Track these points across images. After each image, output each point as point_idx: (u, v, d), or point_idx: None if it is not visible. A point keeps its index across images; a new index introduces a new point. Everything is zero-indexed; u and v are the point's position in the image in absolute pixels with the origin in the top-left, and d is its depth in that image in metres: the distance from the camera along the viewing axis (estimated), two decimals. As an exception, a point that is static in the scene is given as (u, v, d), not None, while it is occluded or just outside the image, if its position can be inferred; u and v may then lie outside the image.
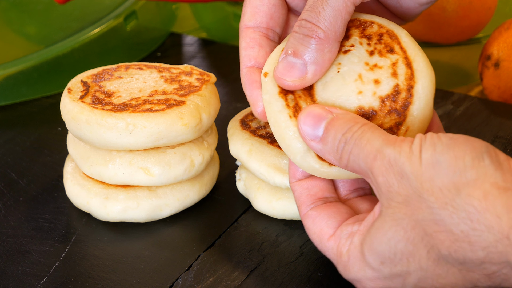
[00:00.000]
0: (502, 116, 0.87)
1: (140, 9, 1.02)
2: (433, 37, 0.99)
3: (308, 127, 0.58)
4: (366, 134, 0.55)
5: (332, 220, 0.59)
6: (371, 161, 0.54)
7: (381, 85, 0.60)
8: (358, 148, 0.55)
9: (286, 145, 0.60)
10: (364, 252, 0.56)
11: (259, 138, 0.70)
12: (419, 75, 0.60)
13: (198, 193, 0.72)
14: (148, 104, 0.69)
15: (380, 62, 0.61)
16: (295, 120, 0.59)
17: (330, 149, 0.57)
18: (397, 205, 0.53)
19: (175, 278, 0.64)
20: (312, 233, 0.60)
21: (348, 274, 0.57)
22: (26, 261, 0.66)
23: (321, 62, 0.60)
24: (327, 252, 0.59)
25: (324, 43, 0.59)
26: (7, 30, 1.12)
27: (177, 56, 1.05)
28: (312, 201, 0.61)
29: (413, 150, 0.53)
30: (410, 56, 0.61)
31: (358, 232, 0.57)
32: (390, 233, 0.54)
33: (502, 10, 1.10)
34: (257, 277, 0.64)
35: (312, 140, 0.58)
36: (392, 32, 0.62)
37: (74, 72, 0.80)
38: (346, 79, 0.60)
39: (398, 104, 0.60)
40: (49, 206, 0.73)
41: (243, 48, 0.64)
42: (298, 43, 0.60)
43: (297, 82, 0.60)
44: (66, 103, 0.70)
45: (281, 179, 0.67)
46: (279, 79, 0.60)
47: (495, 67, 0.89)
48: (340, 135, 0.56)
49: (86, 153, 0.70)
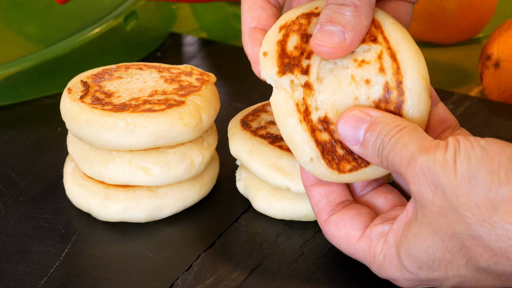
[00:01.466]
0: (502, 116, 0.87)
1: (140, 9, 1.02)
2: (433, 37, 0.99)
3: (348, 132, 0.58)
4: (403, 138, 0.55)
5: (356, 223, 0.60)
6: (405, 167, 0.54)
7: (372, 86, 0.60)
8: (393, 154, 0.55)
9: (294, 148, 0.60)
10: (400, 255, 0.56)
11: (259, 138, 0.70)
12: (405, 67, 0.59)
13: (198, 193, 0.72)
14: (148, 104, 0.69)
15: (366, 57, 0.60)
16: (305, 125, 0.59)
17: (371, 153, 0.57)
18: (432, 215, 0.53)
19: (175, 278, 0.64)
20: (338, 239, 0.60)
21: (384, 274, 0.58)
22: (26, 261, 0.66)
23: (358, 28, 0.59)
24: (358, 254, 0.59)
25: (360, 10, 0.59)
26: (7, 30, 1.12)
27: (177, 56, 1.05)
28: (331, 208, 0.62)
29: (448, 160, 0.52)
30: (393, 47, 0.60)
31: (392, 232, 0.57)
32: (428, 242, 0.54)
33: (502, 10, 1.10)
34: (257, 277, 0.64)
35: (354, 145, 0.58)
36: (376, 21, 0.61)
37: (74, 72, 0.80)
38: (342, 83, 0.60)
39: (391, 106, 0.59)
40: (49, 206, 0.73)
41: (245, 10, 0.64)
42: (333, 12, 0.59)
43: (335, 50, 0.59)
44: (66, 103, 0.70)
45: (282, 180, 0.67)
46: (317, 47, 0.59)
47: (495, 67, 0.89)
48: (380, 140, 0.56)
49: (86, 153, 0.70)
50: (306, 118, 0.59)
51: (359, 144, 0.58)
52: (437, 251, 0.54)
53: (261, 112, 0.74)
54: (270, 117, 0.73)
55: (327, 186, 0.62)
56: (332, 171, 0.59)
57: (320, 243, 0.67)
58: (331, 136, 0.60)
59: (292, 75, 0.60)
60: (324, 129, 0.59)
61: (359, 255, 0.59)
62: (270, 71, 0.60)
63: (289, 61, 0.60)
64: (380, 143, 0.56)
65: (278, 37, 0.61)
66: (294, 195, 0.69)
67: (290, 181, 0.67)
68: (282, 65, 0.60)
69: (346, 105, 0.60)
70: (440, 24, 0.97)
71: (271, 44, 0.61)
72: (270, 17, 0.64)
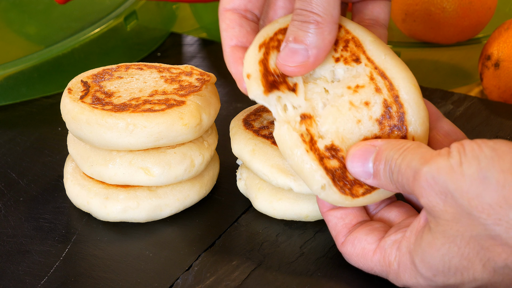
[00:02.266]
0: (502, 116, 0.87)
1: (140, 9, 1.02)
2: (433, 37, 0.99)
3: (358, 169, 0.59)
4: (406, 158, 0.56)
5: (370, 237, 0.60)
6: (412, 184, 0.54)
7: (372, 106, 0.61)
8: (401, 175, 0.56)
9: (305, 178, 0.60)
10: (415, 263, 0.56)
11: (262, 138, 0.70)
12: (396, 82, 0.61)
13: (198, 193, 0.72)
14: (148, 104, 0.69)
15: (359, 81, 0.62)
16: (312, 154, 0.59)
17: (385, 182, 0.58)
18: (446, 223, 0.53)
19: (175, 278, 0.64)
20: (355, 256, 0.61)
21: (401, 282, 0.58)
22: (26, 261, 0.66)
23: (322, 46, 0.60)
24: (375, 268, 0.60)
25: (323, 27, 0.59)
26: (7, 30, 1.12)
27: (177, 56, 1.05)
28: (348, 230, 0.62)
29: (453, 165, 0.52)
30: (379, 66, 0.62)
31: (404, 239, 0.57)
32: (443, 250, 0.54)
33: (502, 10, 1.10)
34: (257, 277, 0.64)
35: (367, 179, 0.59)
36: (357, 40, 0.63)
37: (74, 72, 0.80)
38: (341, 110, 0.61)
39: (394, 119, 0.61)
40: (49, 206, 0.73)
41: (224, 29, 0.64)
42: (297, 29, 0.60)
43: (300, 68, 0.60)
44: (66, 103, 0.70)
45: (284, 180, 0.67)
46: (282, 66, 0.60)
47: (495, 67, 0.89)
48: (387, 166, 0.57)
49: (86, 153, 0.70)
50: (312, 148, 0.60)
51: (372, 176, 0.58)
52: (453, 258, 0.54)
53: (263, 112, 0.74)
54: (272, 117, 0.73)
55: (343, 209, 0.63)
56: (346, 196, 0.60)
57: (320, 243, 0.67)
58: (340, 162, 0.60)
59: (279, 91, 0.61)
60: (332, 156, 0.60)
61: (376, 268, 0.60)
62: (256, 92, 0.60)
63: (273, 79, 0.61)
64: (389, 169, 0.57)
65: (259, 56, 0.61)
66: (295, 195, 0.69)
67: (293, 182, 0.67)
68: (267, 83, 0.60)
69: (349, 129, 0.61)
70: (440, 24, 0.97)
71: (252, 65, 0.61)
72: (249, 32, 0.64)
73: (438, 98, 0.90)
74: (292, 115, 0.61)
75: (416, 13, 0.98)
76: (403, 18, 1.00)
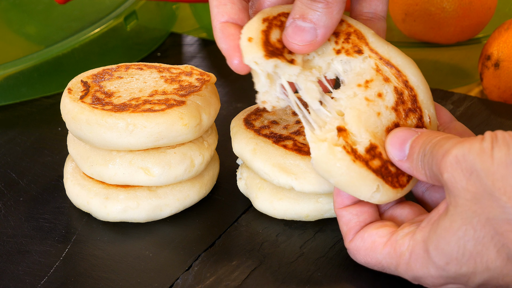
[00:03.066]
0: (502, 116, 0.87)
1: (140, 9, 1.02)
2: (433, 37, 0.99)
3: (394, 149, 0.60)
4: (441, 142, 0.57)
5: (381, 230, 0.61)
6: (439, 161, 0.55)
7: (385, 96, 0.62)
8: (432, 156, 0.57)
9: (357, 187, 0.60)
10: (429, 251, 0.56)
11: (263, 138, 0.70)
12: (402, 68, 0.63)
13: (198, 193, 0.72)
14: (148, 104, 0.69)
15: (367, 76, 0.63)
16: (359, 162, 0.60)
17: (415, 166, 0.59)
18: (465, 202, 0.54)
19: (175, 278, 0.64)
20: (364, 250, 0.61)
21: (411, 272, 0.58)
22: (26, 261, 0.66)
23: (330, 24, 0.60)
24: (383, 261, 0.60)
25: (332, 6, 0.59)
26: (7, 30, 1.12)
27: (177, 56, 1.05)
28: (360, 228, 0.62)
29: (484, 148, 0.53)
30: (384, 56, 0.63)
31: (419, 229, 0.57)
32: (459, 233, 0.54)
33: (502, 10, 1.10)
34: (257, 277, 0.64)
35: (400, 161, 0.60)
36: (359, 32, 0.64)
37: (74, 72, 0.80)
38: (360, 109, 0.62)
39: (408, 103, 0.63)
40: (49, 206, 0.73)
41: (215, 6, 0.63)
42: (305, 7, 0.60)
43: (307, 47, 0.60)
44: (66, 103, 0.70)
45: (286, 179, 0.67)
46: (289, 43, 0.60)
47: (495, 67, 0.89)
48: (422, 148, 0.58)
49: (86, 153, 0.70)
50: (356, 156, 0.60)
51: (405, 158, 0.60)
52: (468, 242, 0.54)
53: (264, 111, 0.74)
54: (272, 117, 0.73)
55: (359, 207, 0.63)
56: (397, 189, 0.61)
57: (320, 243, 0.67)
58: (381, 159, 0.61)
59: (278, 59, 0.60)
60: (373, 156, 0.61)
61: (385, 260, 0.60)
62: (257, 54, 0.59)
63: (273, 50, 0.60)
64: (422, 151, 0.58)
65: (262, 27, 0.61)
66: (296, 194, 0.69)
67: (294, 181, 0.67)
68: (267, 51, 0.60)
69: (374, 124, 0.61)
70: (440, 24, 0.97)
71: (255, 32, 0.61)
72: (241, 10, 0.63)
73: (438, 98, 0.90)
74: (327, 131, 0.61)
75: (416, 13, 0.98)
76: (403, 18, 1.00)
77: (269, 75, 0.61)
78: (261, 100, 0.62)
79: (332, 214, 0.70)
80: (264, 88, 0.61)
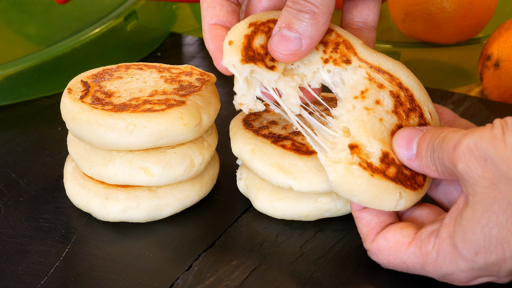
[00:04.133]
0: (502, 116, 0.86)
1: (140, 9, 1.02)
2: (433, 37, 0.99)
3: (402, 148, 0.61)
4: (449, 135, 0.57)
5: (405, 230, 0.61)
6: (451, 154, 0.56)
7: (383, 102, 0.63)
8: (441, 150, 0.57)
9: (381, 200, 0.61)
10: (456, 245, 0.56)
11: (262, 138, 0.70)
12: (393, 71, 0.64)
13: (198, 193, 0.72)
14: (148, 104, 0.69)
15: (361, 87, 0.63)
16: (377, 175, 0.60)
17: (425, 163, 0.59)
18: (483, 190, 0.54)
19: (175, 278, 0.64)
20: (387, 250, 0.61)
21: (439, 270, 0.58)
22: (26, 261, 0.66)
23: (315, 36, 0.61)
24: (408, 260, 0.60)
25: (318, 17, 0.61)
26: (7, 30, 1.12)
27: (177, 56, 1.05)
28: (381, 228, 0.62)
29: (496, 134, 0.54)
30: (374, 64, 0.64)
31: (444, 226, 0.57)
32: (483, 221, 0.55)
33: (502, 10, 1.10)
34: (257, 277, 0.64)
35: (409, 160, 0.60)
36: (348, 42, 0.65)
37: (74, 72, 0.80)
38: (363, 119, 0.62)
39: (407, 104, 0.64)
40: (49, 206, 0.73)
41: (204, 8, 0.64)
42: (292, 17, 0.61)
43: (291, 56, 0.61)
44: (66, 103, 0.70)
45: (284, 179, 0.67)
46: (273, 52, 0.61)
47: (495, 67, 0.89)
48: (430, 144, 0.58)
49: (86, 153, 0.70)
50: (373, 169, 0.60)
51: (414, 156, 0.60)
52: (492, 229, 0.55)
53: (263, 112, 0.74)
54: (271, 117, 0.73)
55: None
56: (417, 191, 0.62)
57: (320, 243, 0.67)
58: (395, 165, 0.61)
59: (255, 65, 0.60)
60: (388, 164, 0.61)
61: (410, 260, 0.60)
62: (234, 58, 0.60)
63: (253, 55, 0.61)
64: (431, 147, 0.58)
65: (246, 31, 0.61)
66: (295, 194, 0.69)
67: (293, 180, 0.67)
68: (246, 55, 0.61)
69: (379, 130, 0.62)
70: (440, 24, 0.97)
71: (237, 36, 0.61)
72: (230, 13, 0.64)
73: (438, 98, 0.90)
74: (339, 151, 0.61)
75: (416, 13, 0.98)
76: (403, 18, 1.00)
77: (247, 79, 0.61)
78: (238, 102, 0.62)
79: (332, 213, 0.70)
80: (241, 91, 0.62)
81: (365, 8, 0.69)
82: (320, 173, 0.66)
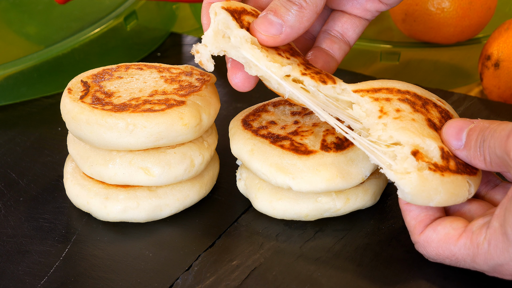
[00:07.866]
0: (502, 116, 0.87)
1: (140, 9, 1.02)
2: (433, 37, 0.99)
3: (452, 138, 0.62)
4: (502, 125, 0.58)
5: (456, 223, 0.61)
6: (504, 142, 0.57)
7: (401, 108, 0.64)
8: (493, 139, 0.58)
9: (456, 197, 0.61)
10: (507, 233, 0.56)
11: (261, 138, 0.70)
12: (385, 85, 0.66)
13: (198, 193, 0.72)
14: (148, 104, 0.69)
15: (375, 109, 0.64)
16: (447, 173, 0.60)
17: (473, 153, 0.60)
18: None
19: (175, 278, 0.64)
20: (437, 242, 0.61)
21: (490, 261, 0.58)
22: (26, 261, 0.66)
23: (296, 27, 0.64)
24: (458, 252, 0.60)
25: (304, 12, 0.63)
26: (7, 30, 1.12)
27: (177, 56, 1.05)
28: (430, 221, 0.62)
29: None
30: (367, 88, 0.65)
31: (495, 217, 0.58)
32: None
33: (502, 10, 1.10)
34: (257, 277, 0.64)
35: (457, 149, 0.61)
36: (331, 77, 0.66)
37: (74, 72, 0.80)
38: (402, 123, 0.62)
39: (418, 101, 0.65)
40: (49, 206, 0.73)
41: None
42: (281, 5, 0.64)
43: (269, 39, 0.64)
44: (66, 103, 0.70)
45: (283, 179, 0.67)
46: (254, 30, 0.64)
47: (495, 67, 0.89)
48: (481, 134, 0.60)
49: (86, 153, 0.70)
50: (440, 168, 0.60)
51: (462, 146, 0.61)
52: None
53: (262, 112, 0.74)
54: (271, 117, 0.73)
55: None
56: (478, 175, 0.63)
57: (320, 243, 0.67)
58: (452, 157, 0.62)
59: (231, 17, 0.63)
60: (447, 159, 0.61)
61: (459, 252, 0.60)
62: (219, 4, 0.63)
63: (237, 18, 0.64)
64: (481, 137, 0.59)
65: (240, 4, 0.65)
66: (295, 194, 0.69)
67: (292, 180, 0.67)
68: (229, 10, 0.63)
69: (420, 128, 0.62)
70: (440, 24, 0.97)
71: (231, 2, 0.64)
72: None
73: (438, 98, 0.90)
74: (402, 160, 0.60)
75: (416, 13, 0.98)
76: (403, 18, 1.00)
77: (218, 30, 0.63)
78: (195, 49, 0.65)
79: (331, 213, 0.70)
80: (207, 39, 0.63)
81: (349, 22, 0.72)
82: (319, 172, 0.66)
